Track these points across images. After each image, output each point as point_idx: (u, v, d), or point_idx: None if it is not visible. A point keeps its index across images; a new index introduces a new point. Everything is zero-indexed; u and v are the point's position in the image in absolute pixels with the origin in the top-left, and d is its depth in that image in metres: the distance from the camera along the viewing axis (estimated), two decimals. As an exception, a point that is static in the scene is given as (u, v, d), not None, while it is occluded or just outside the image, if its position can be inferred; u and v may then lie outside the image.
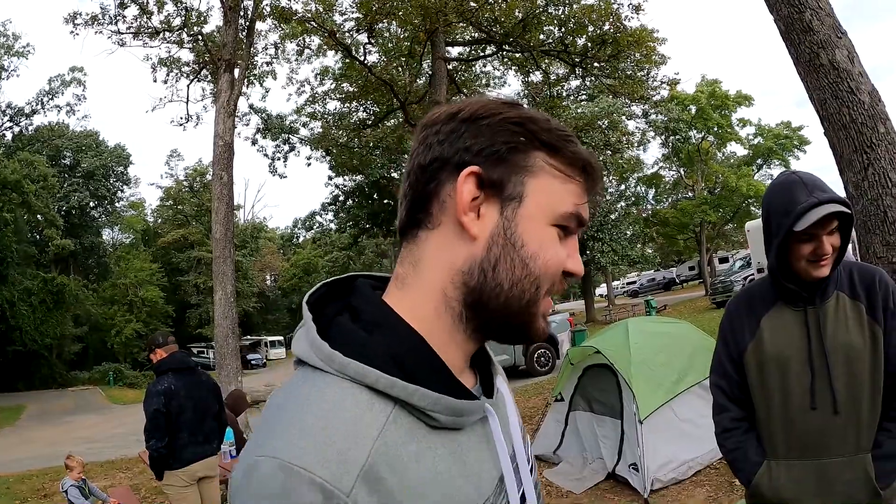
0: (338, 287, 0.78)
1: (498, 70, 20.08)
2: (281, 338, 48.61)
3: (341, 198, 23.13)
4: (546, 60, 17.27)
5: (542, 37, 15.73)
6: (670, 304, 29.37)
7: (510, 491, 0.74)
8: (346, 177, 21.43)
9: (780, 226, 1.71)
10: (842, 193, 4.80)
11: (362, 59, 15.31)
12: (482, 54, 17.59)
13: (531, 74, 18.91)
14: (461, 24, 15.61)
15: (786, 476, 1.78)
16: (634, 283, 52.99)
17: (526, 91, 19.76)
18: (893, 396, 1.74)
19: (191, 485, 4.51)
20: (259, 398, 18.26)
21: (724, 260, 37.63)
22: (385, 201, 21.48)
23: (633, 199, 36.52)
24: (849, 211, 1.70)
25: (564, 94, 19.55)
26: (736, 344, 1.89)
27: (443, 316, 0.71)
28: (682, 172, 34.65)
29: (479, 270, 0.70)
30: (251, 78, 16.43)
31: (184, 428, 4.44)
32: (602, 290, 46.15)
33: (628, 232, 30.62)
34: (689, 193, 33.13)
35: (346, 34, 15.40)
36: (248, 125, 23.99)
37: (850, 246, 1.78)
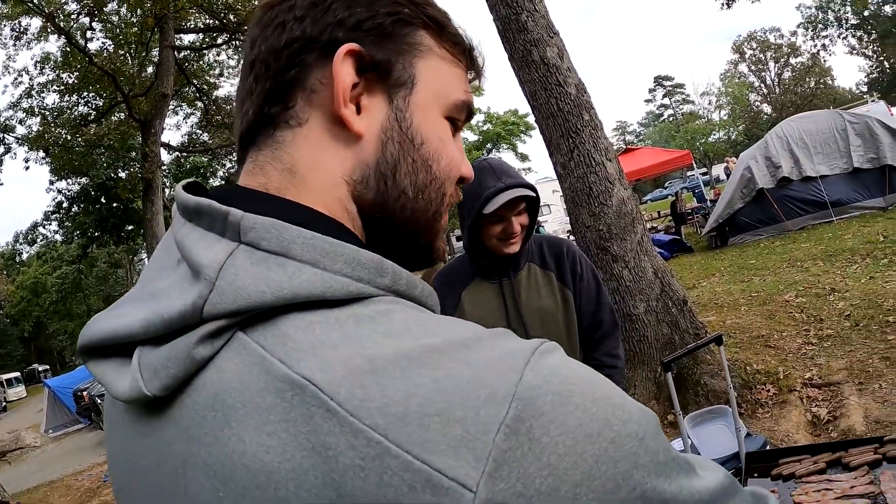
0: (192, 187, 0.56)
1: (232, 59, 19.19)
2: (17, 374, 41.27)
3: (65, 204, 20.44)
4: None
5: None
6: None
7: None
8: (69, 180, 18.91)
9: (472, 209, 1.84)
10: (553, 173, 5.40)
11: (84, 46, 13.61)
12: (215, 43, 16.65)
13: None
14: (193, 10, 14.65)
15: None
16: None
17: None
18: (590, 346, 2.03)
19: None
20: (4, 448, 15.13)
21: (459, 238, 40.49)
22: (114, 205, 19.41)
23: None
24: (534, 194, 1.89)
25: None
26: None
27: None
28: (417, 157, 36.48)
29: (377, 176, 0.54)
30: (-41, 68, 13.65)
31: None
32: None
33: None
34: (424, 176, 34.99)
35: (70, 17, 13.57)
36: (-46, 125, 20.01)
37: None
